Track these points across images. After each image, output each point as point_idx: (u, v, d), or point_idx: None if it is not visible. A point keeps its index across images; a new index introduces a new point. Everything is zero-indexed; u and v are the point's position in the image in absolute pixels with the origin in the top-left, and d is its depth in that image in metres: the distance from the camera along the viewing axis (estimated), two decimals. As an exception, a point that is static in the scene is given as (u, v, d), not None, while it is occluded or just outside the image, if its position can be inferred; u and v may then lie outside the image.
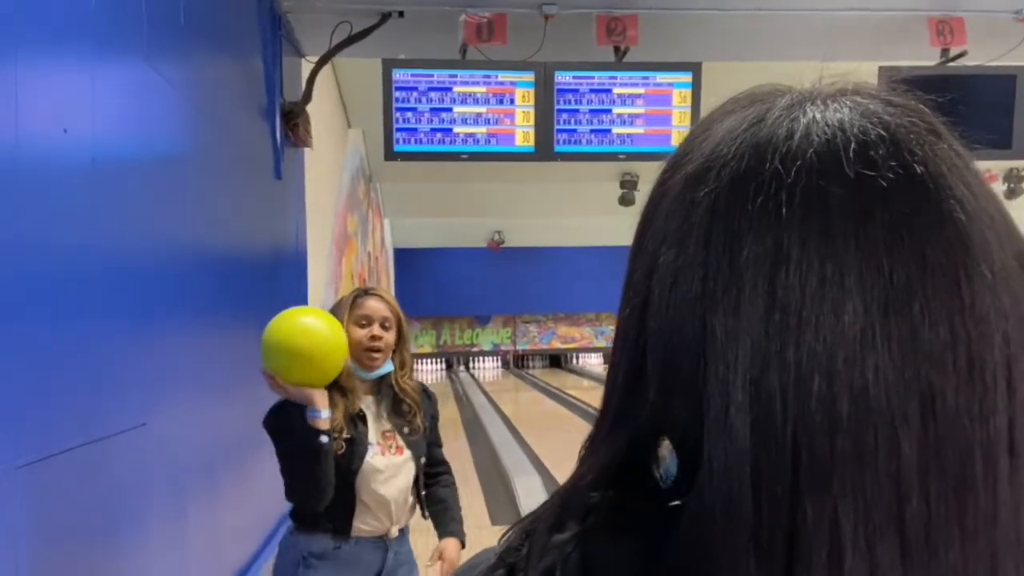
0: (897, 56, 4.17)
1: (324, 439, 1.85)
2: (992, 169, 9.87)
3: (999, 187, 9.87)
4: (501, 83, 3.92)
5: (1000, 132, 4.13)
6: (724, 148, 0.33)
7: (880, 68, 4.16)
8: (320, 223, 5.28)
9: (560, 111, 3.94)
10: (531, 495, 4.67)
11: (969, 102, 4.07)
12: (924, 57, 4.11)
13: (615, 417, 0.35)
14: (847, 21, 4.04)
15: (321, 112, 5.23)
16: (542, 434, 7.81)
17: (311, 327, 1.94)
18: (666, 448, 0.34)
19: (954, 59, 4.05)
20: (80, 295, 1.63)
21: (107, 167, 1.81)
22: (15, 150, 1.38)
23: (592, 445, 0.38)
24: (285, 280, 4.08)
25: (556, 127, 3.94)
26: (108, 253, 1.79)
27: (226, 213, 2.99)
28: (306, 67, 4.22)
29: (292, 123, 3.92)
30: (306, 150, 4.43)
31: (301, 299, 4.47)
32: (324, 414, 1.88)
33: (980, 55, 4.04)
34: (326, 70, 5.64)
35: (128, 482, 1.91)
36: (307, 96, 4.02)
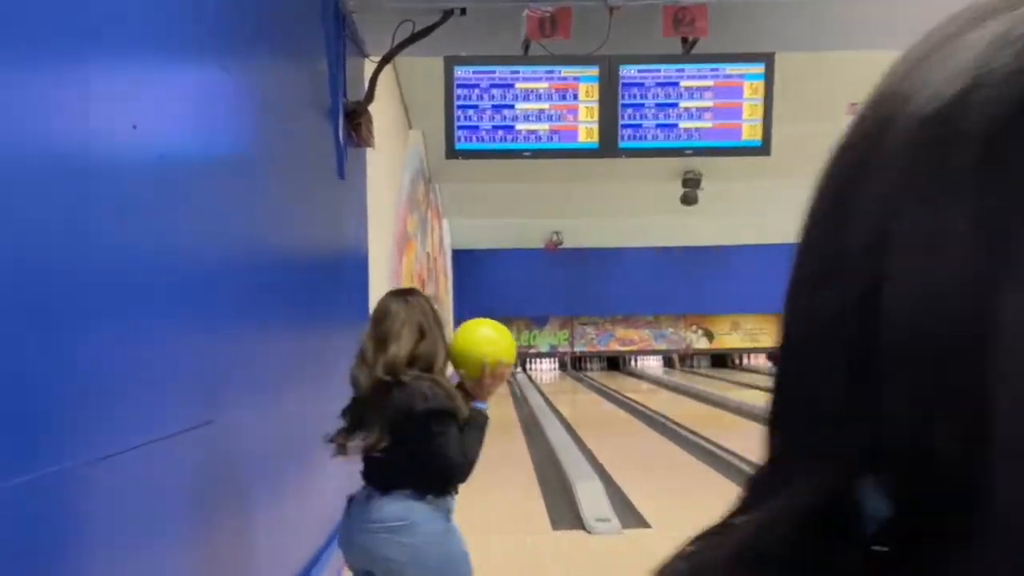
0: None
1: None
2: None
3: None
4: (564, 78, 3.84)
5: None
6: (994, 61, 0.23)
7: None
8: (381, 223, 5.30)
9: (625, 106, 3.84)
10: (593, 501, 4.57)
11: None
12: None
13: (818, 441, 0.26)
14: (926, 7, 3.80)
15: (383, 112, 5.25)
16: (601, 437, 7.70)
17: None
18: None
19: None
20: (146, 292, 1.62)
21: (175, 164, 1.81)
22: (85, 145, 1.37)
23: (774, 477, 0.28)
24: (347, 279, 4.09)
25: (620, 122, 3.84)
26: (173, 250, 1.79)
27: (290, 212, 3.00)
28: (369, 67, 4.22)
29: (355, 123, 3.92)
30: (368, 150, 4.44)
31: (363, 298, 4.48)
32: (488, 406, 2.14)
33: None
34: (387, 71, 5.67)
35: (194, 479, 1.91)
36: (370, 96, 4.02)
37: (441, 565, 2.02)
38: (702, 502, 5.07)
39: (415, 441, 1.98)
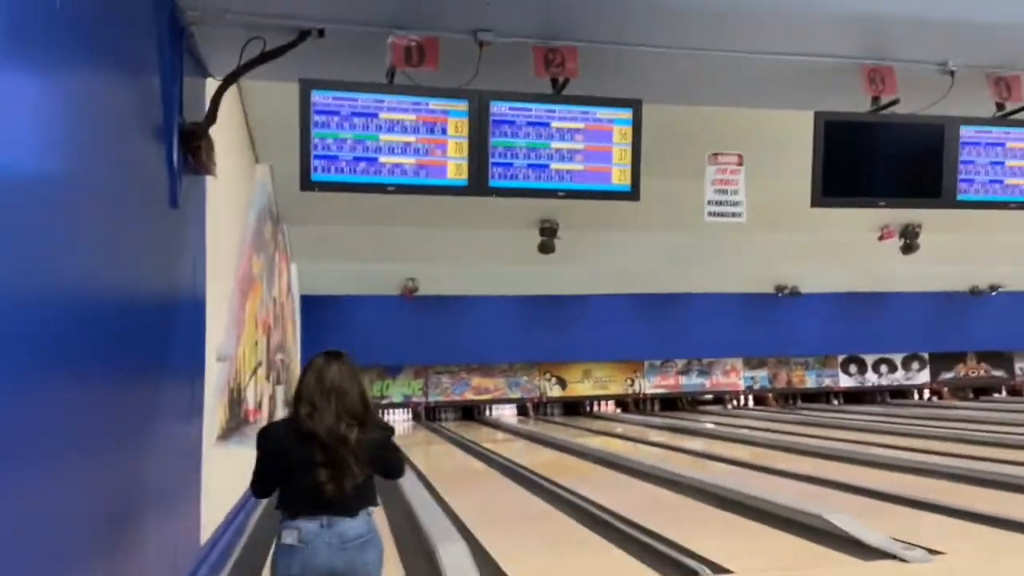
0: (832, 103, 4.18)
1: None
2: (890, 225, 10.40)
3: (896, 243, 10.38)
4: (432, 111, 3.62)
5: (928, 181, 4.18)
6: None
7: (817, 113, 4.15)
8: (222, 261, 4.75)
9: (496, 143, 3.67)
10: (458, 565, 4.22)
11: (900, 150, 4.10)
12: (858, 104, 4.12)
13: None
14: (786, 66, 4.00)
15: (227, 142, 4.75)
16: (460, 491, 7.35)
17: None
18: None
19: (886, 107, 4.08)
20: None
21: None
22: None
23: None
24: (180, 324, 3.55)
25: (491, 160, 3.67)
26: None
27: (107, 245, 2.50)
28: (212, 87, 3.78)
29: (193, 146, 3.46)
30: (208, 179, 3.95)
31: (198, 346, 3.93)
32: None
33: (910, 104, 4.09)
34: (233, 98, 5.19)
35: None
36: (211, 117, 3.58)
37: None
38: (567, 557, 4.84)
39: (389, 465, 2.58)
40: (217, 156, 3.88)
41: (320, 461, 2.38)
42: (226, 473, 4.84)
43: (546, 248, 9.44)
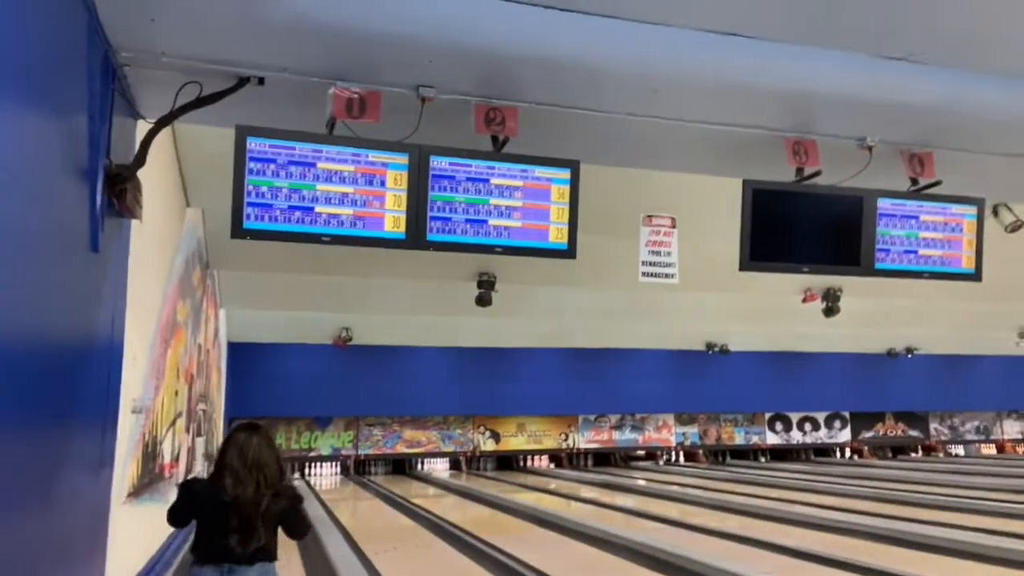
0: (759, 171, 4.36)
1: None
2: (812, 288, 10.83)
3: (818, 305, 10.81)
4: (372, 163, 3.61)
5: (849, 249, 4.38)
6: None
7: (745, 181, 4.32)
8: (144, 307, 4.55)
9: (435, 197, 3.67)
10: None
11: (822, 219, 4.29)
12: (784, 174, 4.32)
13: None
14: (716, 135, 4.17)
15: (156, 184, 4.61)
16: (388, 552, 7.09)
17: None
18: None
19: (809, 178, 4.28)
20: None
21: None
22: None
23: None
24: (94, 373, 3.35)
25: (430, 214, 3.66)
26: None
27: (17, 288, 2.36)
28: (144, 129, 3.68)
29: (118, 189, 3.33)
30: (134, 223, 3.81)
31: (112, 397, 3.71)
32: None
33: (832, 176, 4.31)
34: (165, 140, 5.06)
35: None
36: (140, 159, 3.47)
37: None
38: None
39: (294, 529, 2.95)
40: (145, 199, 3.75)
41: (234, 527, 2.75)
42: (136, 531, 4.54)
43: (483, 301, 9.42)
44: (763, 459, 19.07)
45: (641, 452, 18.76)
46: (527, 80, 3.68)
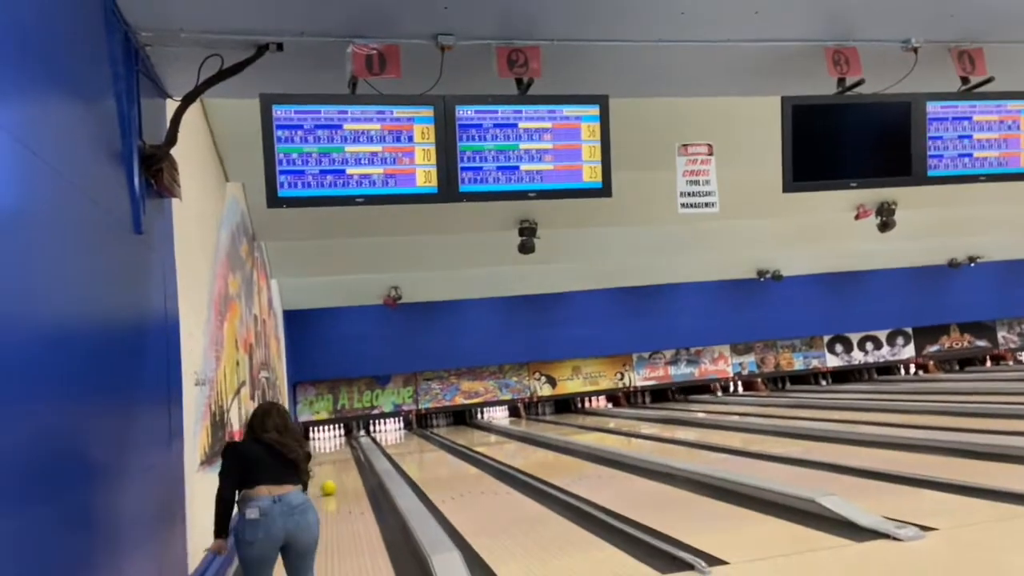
0: (798, 87, 4.17)
1: None
2: (865, 204, 10.46)
3: (872, 221, 10.45)
4: (397, 119, 3.57)
5: (898, 159, 4.18)
6: None
7: (783, 98, 4.14)
8: (195, 284, 4.67)
9: (464, 148, 3.63)
10: (452, 574, 4.17)
11: (868, 130, 4.10)
12: (824, 87, 4.12)
13: None
14: (749, 52, 3.99)
15: (192, 162, 4.68)
16: (454, 499, 7.30)
17: None
18: None
19: (851, 88, 4.08)
20: None
21: None
22: None
23: None
24: (153, 350, 3.48)
25: (460, 165, 3.62)
26: None
27: (70, 275, 2.44)
28: (171, 108, 3.71)
29: (154, 169, 3.39)
30: (175, 202, 3.88)
31: (174, 372, 3.85)
32: None
33: (876, 84, 4.09)
34: (198, 117, 5.11)
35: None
36: (172, 138, 3.50)
37: None
38: (563, 560, 4.81)
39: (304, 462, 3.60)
40: (183, 177, 3.81)
41: (282, 465, 3.46)
42: (212, 496, 4.76)
43: (526, 248, 9.40)
44: (824, 382, 18.84)
45: (699, 386, 18.72)
46: (548, 17, 3.57)
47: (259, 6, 3.26)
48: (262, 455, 3.44)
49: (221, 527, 3.42)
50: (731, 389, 18.89)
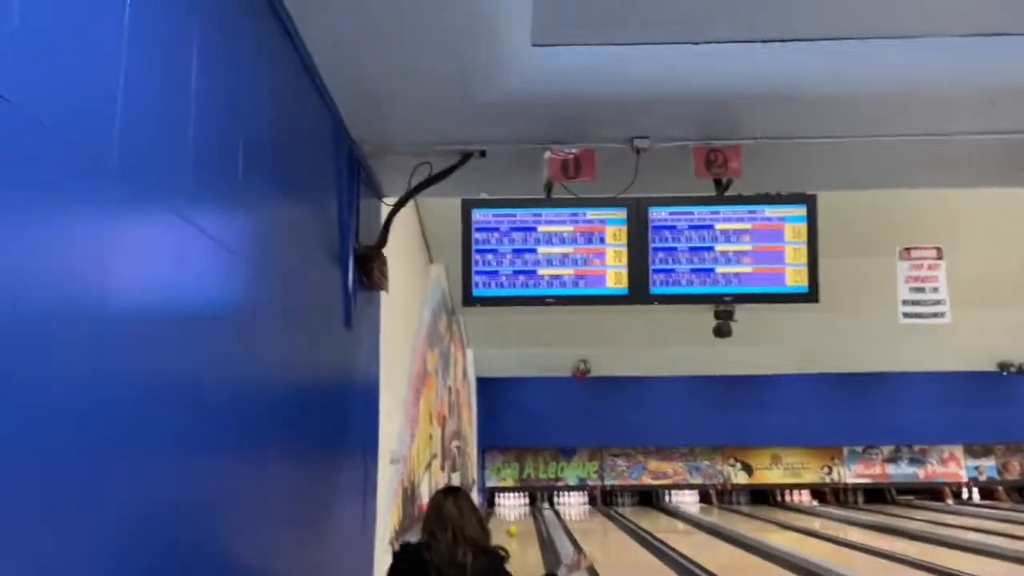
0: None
1: None
2: None
3: None
4: (590, 221, 3.60)
5: None
6: None
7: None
8: (396, 364, 4.98)
9: (656, 249, 3.56)
10: None
11: None
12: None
13: None
14: (987, 145, 3.55)
15: (401, 251, 5.06)
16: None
17: None
18: None
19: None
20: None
21: (155, 314, 1.52)
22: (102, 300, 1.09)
23: None
24: (353, 431, 3.72)
25: (652, 267, 3.55)
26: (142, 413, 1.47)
27: (287, 369, 2.69)
28: (385, 209, 4.05)
29: (367, 268, 3.69)
30: (382, 294, 4.19)
31: (370, 451, 4.09)
32: None
33: None
34: (409, 208, 5.55)
35: None
36: (383, 240, 3.81)
37: None
38: None
39: None
40: (392, 267, 4.11)
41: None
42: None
43: (722, 332, 8.90)
44: (1088, 499, 15.79)
45: (923, 489, 16.50)
46: (749, 116, 3.45)
47: (468, 121, 3.48)
48: (418, 568, 2.71)
49: None
50: (966, 496, 16.43)
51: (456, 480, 9.62)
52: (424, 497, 6.23)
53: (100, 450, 1.43)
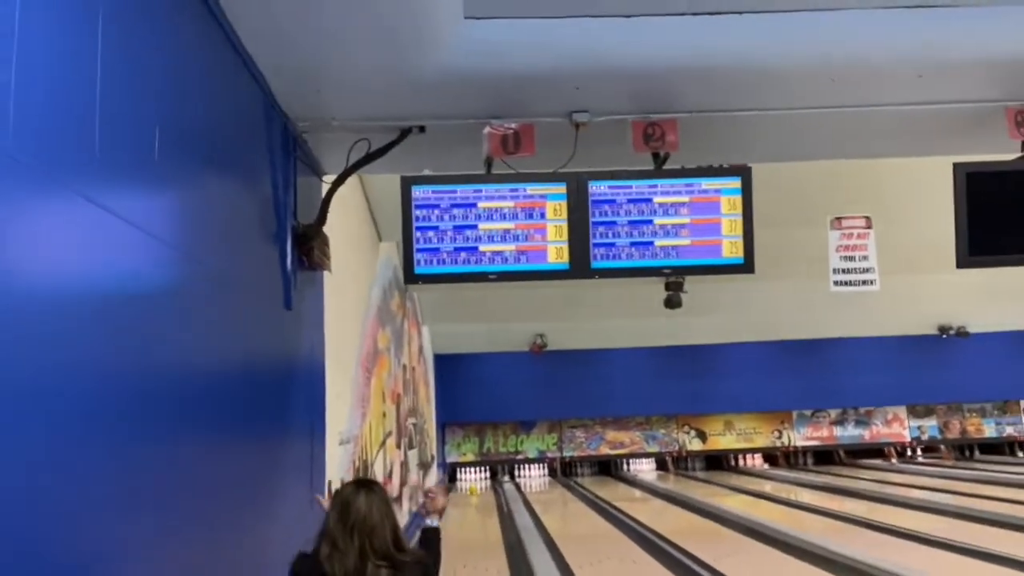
0: (970, 149, 3.75)
1: None
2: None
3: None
4: (530, 196, 3.60)
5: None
6: None
7: (955, 165, 3.74)
8: (344, 345, 4.94)
9: (596, 224, 3.59)
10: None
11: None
12: (1000, 149, 3.67)
13: None
14: (917, 115, 3.64)
15: (347, 230, 4.99)
16: (592, 566, 7.09)
17: None
18: None
19: (1040, 150, 3.60)
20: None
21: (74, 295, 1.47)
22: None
23: None
24: (298, 413, 3.69)
25: (592, 241, 3.58)
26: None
27: (223, 352, 2.65)
28: (326, 187, 3.98)
29: (306, 247, 3.63)
30: (325, 272, 4.14)
31: (320, 431, 4.07)
32: None
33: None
34: (354, 186, 5.47)
35: None
36: (322, 218, 3.75)
37: None
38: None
39: None
40: (335, 245, 4.05)
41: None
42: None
43: (672, 303, 9.05)
44: (1021, 453, 16.56)
45: (869, 449, 17.11)
46: (685, 89, 3.47)
47: (405, 96, 3.43)
48: None
49: None
50: (909, 454, 17.10)
51: (413, 458, 9.64)
52: (379, 475, 6.24)
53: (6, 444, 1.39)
